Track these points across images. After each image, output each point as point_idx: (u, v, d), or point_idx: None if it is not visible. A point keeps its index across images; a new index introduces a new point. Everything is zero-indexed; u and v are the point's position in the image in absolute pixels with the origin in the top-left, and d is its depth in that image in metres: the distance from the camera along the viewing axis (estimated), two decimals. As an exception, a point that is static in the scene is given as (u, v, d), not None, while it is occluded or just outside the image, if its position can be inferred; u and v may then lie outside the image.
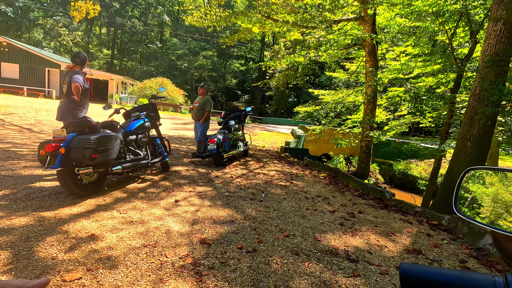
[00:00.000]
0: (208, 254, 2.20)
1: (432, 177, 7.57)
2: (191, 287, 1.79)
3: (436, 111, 7.33)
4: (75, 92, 3.65)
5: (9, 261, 1.85)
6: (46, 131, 7.08)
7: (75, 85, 3.61)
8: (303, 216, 3.24)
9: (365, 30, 7.22)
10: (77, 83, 3.61)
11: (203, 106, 6.01)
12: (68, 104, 3.74)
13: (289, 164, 6.56)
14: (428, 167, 11.68)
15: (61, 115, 3.75)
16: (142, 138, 3.95)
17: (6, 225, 2.30)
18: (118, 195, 3.32)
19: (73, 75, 3.65)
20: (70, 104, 3.73)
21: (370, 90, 7.24)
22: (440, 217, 3.27)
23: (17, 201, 2.83)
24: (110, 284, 1.73)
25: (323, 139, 12.07)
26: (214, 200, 3.51)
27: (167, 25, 45.35)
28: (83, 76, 3.80)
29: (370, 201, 4.11)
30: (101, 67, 39.56)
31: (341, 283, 1.96)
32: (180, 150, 6.81)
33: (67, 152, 2.80)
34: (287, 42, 24.07)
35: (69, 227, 2.39)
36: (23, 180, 3.45)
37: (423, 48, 7.83)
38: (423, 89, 7.34)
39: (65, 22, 36.21)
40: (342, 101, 8.66)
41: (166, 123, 12.47)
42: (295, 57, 8.69)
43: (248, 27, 8.63)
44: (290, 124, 22.95)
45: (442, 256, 2.47)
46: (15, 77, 21.51)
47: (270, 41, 39.40)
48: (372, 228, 3.02)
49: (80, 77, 3.69)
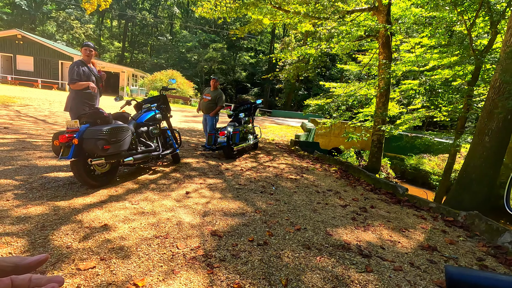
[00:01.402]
0: (219, 246, 2.20)
1: (446, 173, 7.40)
2: (202, 279, 1.79)
3: (452, 104, 7.11)
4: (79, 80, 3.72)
5: (26, 249, 1.89)
6: (60, 122, 7.21)
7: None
8: (314, 210, 3.20)
9: (379, 20, 7.00)
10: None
11: (215, 100, 5.92)
12: (73, 94, 3.78)
13: (299, 158, 6.50)
14: (441, 162, 11.42)
15: (67, 105, 3.81)
16: (153, 130, 3.97)
17: (22, 214, 2.36)
18: (130, 186, 3.35)
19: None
20: (75, 94, 3.77)
21: (383, 83, 7.06)
22: (456, 213, 3.18)
23: (32, 190, 2.89)
24: (123, 273, 1.75)
25: (333, 133, 11.93)
26: (225, 192, 3.51)
27: (177, 17, 45.28)
28: (80, 65, 3.78)
29: (382, 195, 4.04)
30: (112, 59, 39.97)
31: (354, 278, 1.93)
32: (190, 142, 6.84)
33: (80, 143, 2.83)
34: (298, 34, 23.71)
35: (82, 217, 2.43)
36: (38, 170, 3.52)
37: (439, 39, 7.56)
38: (439, 81, 7.10)
39: (77, 15, 36.60)
40: (353, 94, 8.49)
41: (176, 116, 12.54)
42: (306, 49, 8.53)
43: (258, 18, 8.50)
44: (300, 117, 22.76)
45: (458, 254, 2.41)
46: (30, 69, 21.96)
47: (281, 33, 38.92)
48: (384, 223, 2.96)
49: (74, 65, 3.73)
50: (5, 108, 8.49)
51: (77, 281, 1.64)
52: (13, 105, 9.26)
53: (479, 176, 4.27)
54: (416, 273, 2.06)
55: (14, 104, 9.50)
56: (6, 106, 8.82)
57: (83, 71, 3.75)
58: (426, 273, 2.07)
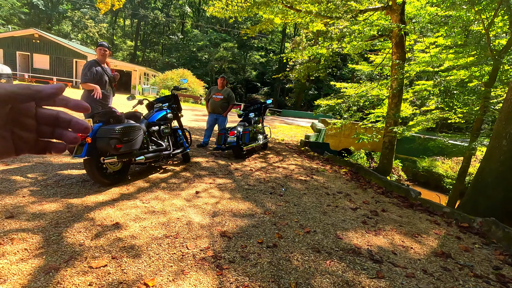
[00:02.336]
0: (229, 247, 2.20)
1: (460, 176, 7.21)
2: (212, 280, 1.79)
3: (468, 106, 6.91)
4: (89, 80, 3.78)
5: (41, 245, 1.94)
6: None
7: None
8: (324, 212, 3.17)
9: (393, 20, 6.86)
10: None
11: (227, 99, 5.95)
12: (86, 95, 3.84)
13: (309, 159, 6.45)
14: (455, 165, 11.15)
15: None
16: (164, 129, 4.00)
17: (37, 210, 2.41)
18: (141, 185, 3.39)
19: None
20: (88, 95, 3.83)
21: (396, 83, 6.93)
22: (471, 219, 3.09)
23: (47, 187, 2.96)
24: (134, 273, 1.77)
25: (344, 134, 11.79)
26: (234, 192, 3.51)
27: (188, 16, 45.63)
28: (94, 65, 3.84)
29: (394, 199, 3.96)
30: (124, 58, 40.62)
31: (365, 284, 1.89)
32: (200, 141, 6.88)
33: (93, 141, 2.88)
34: (309, 33, 23.53)
35: (95, 215, 2.47)
36: (52, 167, 3.60)
37: (455, 38, 7.35)
38: (454, 82, 6.92)
39: (91, 14, 37.32)
40: (365, 95, 8.36)
41: (187, 115, 12.64)
42: (318, 48, 8.45)
43: (270, 17, 8.47)
44: (310, 117, 22.60)
45: (473, 261, 2.34)
46: (45, 67, 22.54)
47: (292, 32, 38.73)
48: (396, 228, 2.90)
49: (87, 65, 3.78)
50: (22, 105, 8.74)
51: (89, 279, 1.66)
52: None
53: (496, 181, 4.13)
54: (429, 280, 2.01)
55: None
56: (23, 104, 9.09)
57: (96, 71, 3.80)
58: (440, 281, 2.01)
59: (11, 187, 2.82)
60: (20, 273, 1.65)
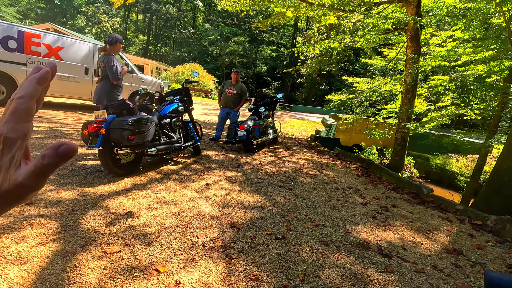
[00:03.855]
0: (238, 238, 2.23)
1: (474, 174, 7.04)
2: (221, 269, 1.83)
3: (485, 102, 6.70)
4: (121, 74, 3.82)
5: (58, 231, 2.02)
6: (89, 113, 7.54)
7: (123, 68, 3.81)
8: (333, 206, 3.16)
9: (408, 13, 6.67)
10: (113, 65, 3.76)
11: (240, 94, 5.96)
12: (103, 87, 3.91)
13: (319, 153, 6.42)
14: (470, 163, 10.88)
15: (97, 98, 3.95)
16: (175, 122, 4.05)
17: (55, 198, 2.51)
18: (153, 176, 3.46)
19: (107, 59, 3.79)
20: (105, 87, 3.90)
21: (410, 78, 6.77)
22: (485, 217, 3.02)
23: (63, 176, 3.06)
24: (146, 259, 1.83)
25: (355, 129, 11.65)
26: (244, 185, 3.54)
27: (200, 11, 45.61)
28: (117, 61, 3.90)
29: (405, 195, 3.92)
30: (137, 52, 41.06)
31: (373, 278, 1.89)
32: (210, 135, 6.93)
33: (107, 132, 2.95)
34: (321, 27, 23.17)
35: (109, 203, 2.54)
36: (68, 157, 3.71)
37: (474, 32, 7.10)
38: (471, 78, 6.70)
39: (105, 9, 37.79)
40: (378, 90, 8.20)
41: (197, 108, 12.73)
42: (330, 42, 8.32)
43: (281, 11, 8.39)
44: (321, 112, 22.38)
45: (486, 259, 2.30)
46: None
47: (303, 26, 38.21)
48: (407, 224, 2.87)
49: (114, 60, 3.82)
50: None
51: (104, 264, 1.72)
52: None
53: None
54: (439, 276, 1.99)
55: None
56: (40, 96, 9.34)
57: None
58: (450, 277, 1.99)
59: (30, 176, 2.93)
60: (39, 256, 1.73)
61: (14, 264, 1.62)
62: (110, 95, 3.89)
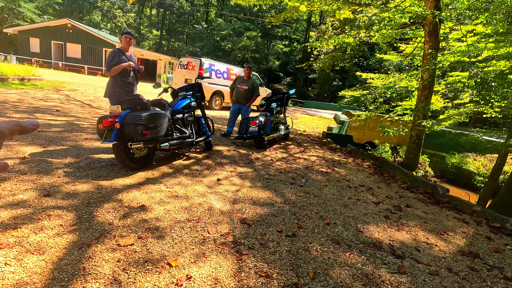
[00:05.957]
0: (248, 234, 2.24)
1: (493, 174, 6.80)
2: (231, 264, 1.84)
3: (507, 99, 6.42)
4: (116, 69, 3.88)
5: (74, 223, 2.08)
6: (104, 107, 7.70)
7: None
8: (345, 205, 3.13)
9: (427, 6, 6.44)
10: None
11: (252, 90, 5.95)
12: (112, 83, 3.98)
13: (331, 151, 6.35)
14: (488, 163, 10.52)
15: (106, 92, 4.04)
16: (188, 117, 4.09)
17: (71, 190, 2.58)
18: (165, 170, 3.51)
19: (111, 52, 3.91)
20: (111, 83, 3.97)
21: (427, 74, 6.56)
22: (504, 219, 2.92)
23: (79, 169, 3.14)
24: (158, 253, 1.86)
25: (368, 126, 11.43)
26: (254, 181, 3.55)
27: (212, 5, 45.58)
28: (118, 54, 3.91)
29: (419, 195, 3.83)
30: (150, 47, 41.54)
31: (385, 279, 1.86)
32: (222, 130, 6.95)
33: (122, 127, 3.00)
34: (335, 22, 22.74)
35: (122, 197, 2.60)
36: (84, 151, 3.81)
37: (497, 26, 6.78)
38: (493, 74, 6.43)
39: (120, 4, 38.28)
40: (393, 86, 8.00)
41: (209, 104, 12.78)
42: (344, 37, 8.15)
43: (295, 5, 8.25)
44: (333, 108, 22.09)
45: (504, 263, 2.22)
46: (77, 56, 23.58)
47: (317, 21, 37.63)
48: (421, 224, 2.81)
49: (112, 53, 3.87)
50: (57, 92, 9.24)
51: (118, 256, 1.77)
52: (63, 90, 10.05)
53: (534, 181, 3.86)
54: (454, 279, 1.94)
55: (64, 89, 10.30)
56: (58, 91, 9.60)
57: (120, 60, 3.87)
58: (466, 281, 1.94)
59: (48, 168, 3.02)
60: (57, 246, 1.79)
61: (33, 254, 1.69)
62: (118, 90, 3.94)
